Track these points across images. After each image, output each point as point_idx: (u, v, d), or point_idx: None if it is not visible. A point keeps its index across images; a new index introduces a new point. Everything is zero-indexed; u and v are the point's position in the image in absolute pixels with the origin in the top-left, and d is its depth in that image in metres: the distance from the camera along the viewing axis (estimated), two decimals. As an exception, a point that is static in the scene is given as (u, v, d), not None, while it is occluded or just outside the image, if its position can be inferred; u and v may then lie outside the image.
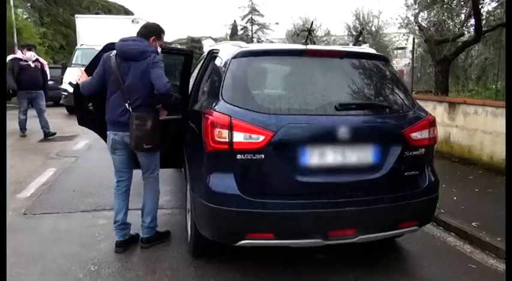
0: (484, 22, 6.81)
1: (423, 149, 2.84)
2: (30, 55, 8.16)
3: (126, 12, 34.45)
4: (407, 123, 2.78)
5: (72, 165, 6.00)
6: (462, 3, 6.31)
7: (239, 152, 2.53)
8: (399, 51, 13.30)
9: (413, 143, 2.77)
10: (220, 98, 2.70)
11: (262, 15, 41.94)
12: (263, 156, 2.52)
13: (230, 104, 2.62)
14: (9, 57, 8.14)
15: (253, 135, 2.52)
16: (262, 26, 44.02)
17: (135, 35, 3.19)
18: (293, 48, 3.01)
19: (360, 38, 14.36)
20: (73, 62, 12.76)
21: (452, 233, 3.76)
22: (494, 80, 6.58)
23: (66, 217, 4.00)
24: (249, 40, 42.38)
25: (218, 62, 3.12)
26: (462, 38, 7.01)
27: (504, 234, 3.48)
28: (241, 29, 44.56)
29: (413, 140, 2.77)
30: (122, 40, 3.10)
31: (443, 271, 3.10)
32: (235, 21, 45.57)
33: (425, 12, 8.17)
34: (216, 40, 61.97)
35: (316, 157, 2.62)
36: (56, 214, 4.05)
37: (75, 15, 15.26)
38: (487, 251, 3.41)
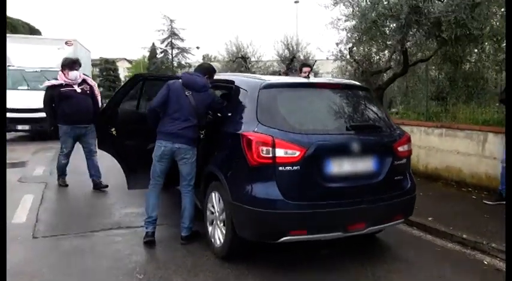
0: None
1: (405, 159, 3.73)
2: (75, 77, 5.78)
3: (32, 30, 32.25)
4: (395, 139, 3.65)
5: (48, 191, 5.90)
6: (388, 42, 7.65)
7: (280, 164, 3.15)
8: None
9: (399, 154, 3.63)
10: (257, 121, 3.30)
11: (183, 40, 42.24)
12: (299, 167, 3.17)
13: (268, 127, 3.24)
14: (46, 83, 6.02)
15: (291, 151, 3.16)
16: (183, 50, 44.13)
17: (194, 70, 3.96)
18: (306, 82, 3.74)
19: (291, 65, 15.73)
20: None
21: (415, 228, 4.69)
22: (418, 105, 8.07)
23: (80, 237, 4.13)
24: (170, 63, 42.29)
25: (242, 92, 3.71)
26: (390, 70, 8.44)
27: (452, 224, 4.53)
28: (161, 52, 44.22)
29: (399, 152, 3.63)
30: (188, 74, 3.91)
31: (419, 254, 3.97)
32: (154, 44, 45.09)
33: (355, 47, 9.52)
34: (131, 62, 60.49)
35: (337, 166, 3.33)
36: (67, 235, 4.16)
37: (1, 35, 14.38)
38: (444, 238, 4.38)
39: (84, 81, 5.90)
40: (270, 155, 3.14)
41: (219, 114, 3.94)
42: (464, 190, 5.95)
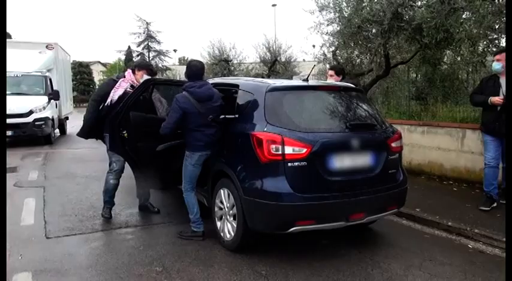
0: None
1: (397, 154, 4.08)
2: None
3: (3, 33, 31.40)
4: (388, 136, 4.00)
5: (47, 194, 5.99)
6: (369, 45, 8.08)
7: (289, 161, 3.44)
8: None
9: (392, 150, 3.98)
10: (266, 122, 3.59)
11: (159, 43, 41.95)
12: (305, 163, 3.47)
13: (276, 126, 3.53)
14: (116, 95, 4.59)
15: (298, 148, 3.46)
16: (159, 53, 43.80)
17: (188, 75, 4.04)
18: (307, 85, 4.04)
19: (273, 68, 16.10)
20: None
21: (404, 218, 5.07)
22: (399, 104, 8.56)
23: (93, 236, 4.30)
24: (147, 67, 41.71)
25: (248, 95, 3.98)
26: (372, 72, 8.89)
27: (438, 213, 4.92)
28: (137, 56, 43.76)
29: (392, 147, 3.98)
30: (195, 87, 4.00)
31: (410, 241, 4.34)
32: (129, 47, 44.55)
33: (338, 50, 9.95)
34: (105, 65, 59.44)
35: (339, 162, 3.64)
36: (80, 235, 4.33)
37: (-23, 38, 14.04)
38: (431, 226, 4.77)
39: None
40: (280, 152, 3.42)
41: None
42: (446, 183, 6.41)
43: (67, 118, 15.76)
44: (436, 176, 6.66)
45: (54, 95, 12.32)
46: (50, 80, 12.94)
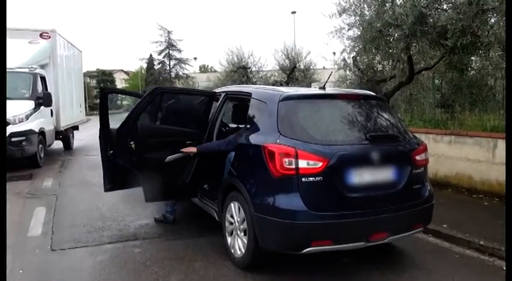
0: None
1: (423, 168, 3.75)
2: None
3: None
4: (412, 148, 3.68)
5: (59, 203, 5.90)
6: (391, 51, 7.74)
7: (303, 175, 3.17)
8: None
9: (417, 163, 3.66)
10: (279, 133, 3.33)
11: (180, 51, 42.45)
12: (321, 178, 3.19)
13: (290, 138, 3.27)
14: None
15: (313, 162, 3.18)
16: (180, 61, 44.31)
17: None
18: (324, 93, 3.77)
19: (291, 75, 15.84)
20: None
21: (430, 235, 4.70)
22: (423, 112, 8.16)
23: (98, 249, 4.13)
24: (168, 74, 42.44)
25: (261, 104, 3.75)
26: (394, 78, 8.53)
27: (468, 230, 4.54)
28: (159, 64, 44.44)
29: (417, 161, 3.66)
30: None
31: (437, 261, 3.99)
32: (151, 55, 45.30)
33: (358, 56, 9.62)
34: (127, 73, 60.45)
35: (358, 176, 3.35)
36: (86, 248, 4.17)
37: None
38: (461, 245, 4.39)
39: None
40: (293, 166, 3.16)
41: None
42: (476, 196, 5.98)
43: (76, 128, 12.83)
44: (465, 189, 6.23)
45: (44, 100, 9.13)
46: (43, 78, 9.87)
